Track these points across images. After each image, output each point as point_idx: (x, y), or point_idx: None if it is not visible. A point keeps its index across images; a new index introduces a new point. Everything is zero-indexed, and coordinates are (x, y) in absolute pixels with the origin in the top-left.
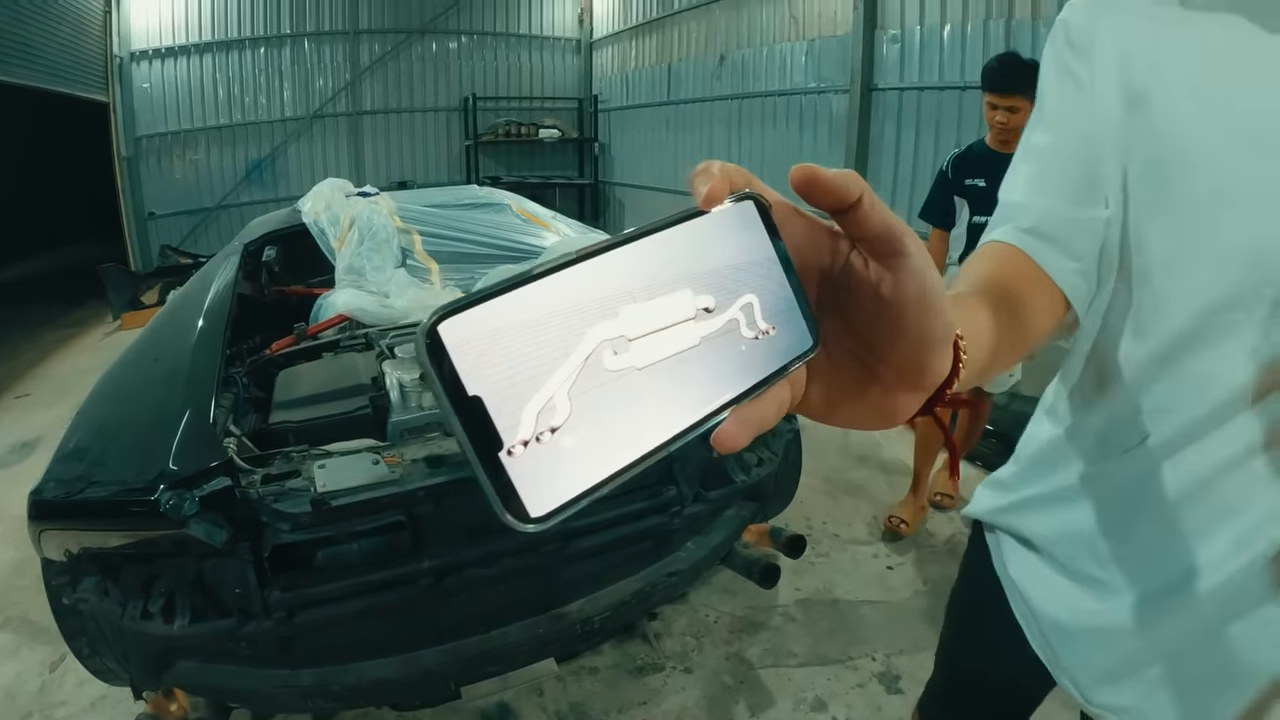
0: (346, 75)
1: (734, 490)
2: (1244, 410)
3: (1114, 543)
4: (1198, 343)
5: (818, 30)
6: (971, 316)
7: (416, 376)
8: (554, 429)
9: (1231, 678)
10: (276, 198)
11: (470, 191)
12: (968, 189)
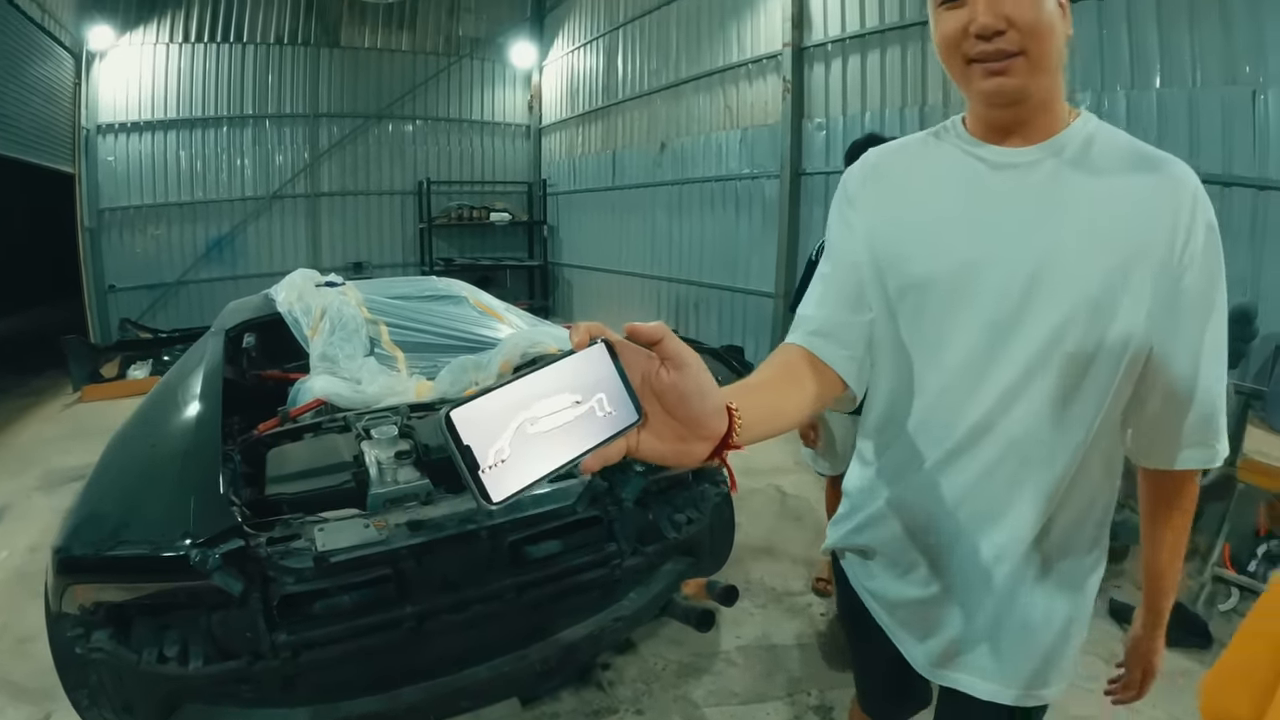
0: (306, 156)
1: (667, 545)
2: (982, 438)
3: (920, 540)
4: (949, 394)
5: (750, 119)
6: (751, 396)
7: (392, 455)
8: (503, 460)
9: None
10: (235, 275)
11: (430, 283)
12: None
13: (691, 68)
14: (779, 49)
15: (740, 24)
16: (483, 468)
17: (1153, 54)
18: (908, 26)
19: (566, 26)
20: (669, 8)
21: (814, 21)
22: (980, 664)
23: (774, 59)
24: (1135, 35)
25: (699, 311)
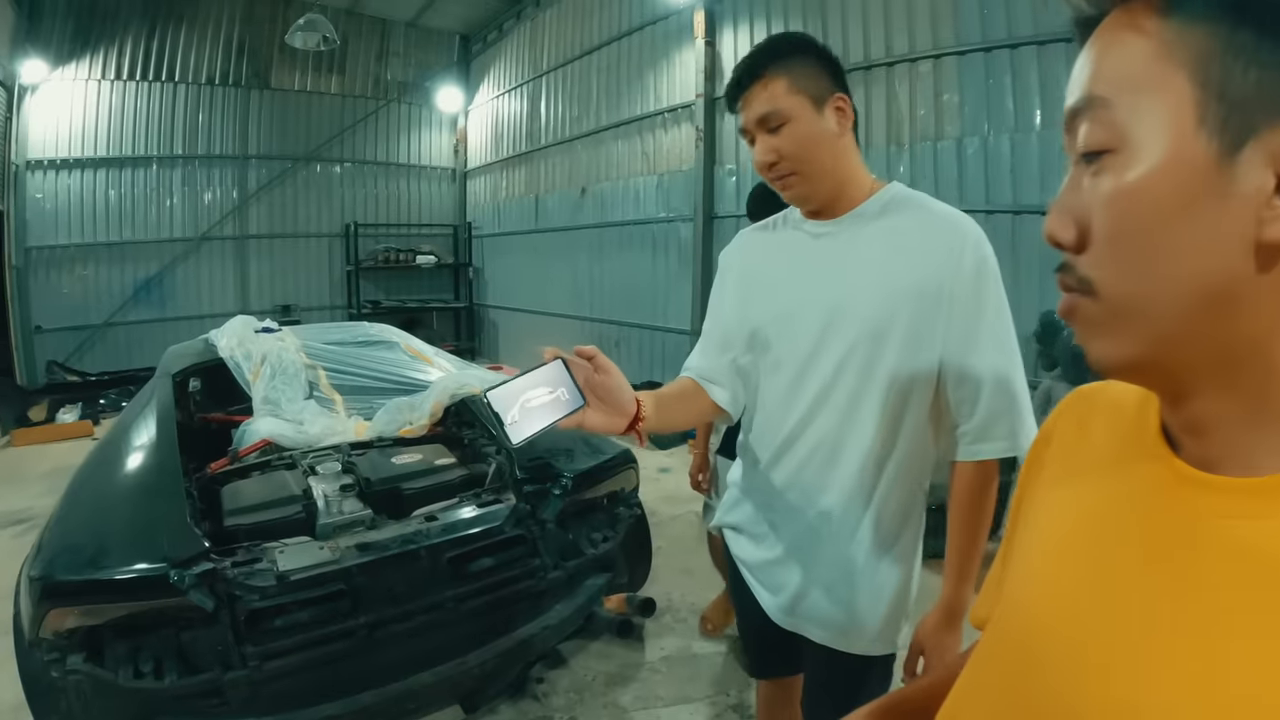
0: (235, 198)
1: (586, 561)
2: (798, 439)
3: (765, 515)
4: (778, 407)
5: (666, 166)
6: (657, 396)
7: (337, 488)
8: (515, 421)
9: None
10: (164, 318)
11: (363, 329)
12: None
13: (611, 115)
14: (692, 99)
15: (656, 75)
16: (506, 424)
17: (1034, 100)
18: None
19: (492, 72)
20: (590, 58)
21: (725, 73)
22: (816, 613)
23: (688, 108)
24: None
25: (620, 349)
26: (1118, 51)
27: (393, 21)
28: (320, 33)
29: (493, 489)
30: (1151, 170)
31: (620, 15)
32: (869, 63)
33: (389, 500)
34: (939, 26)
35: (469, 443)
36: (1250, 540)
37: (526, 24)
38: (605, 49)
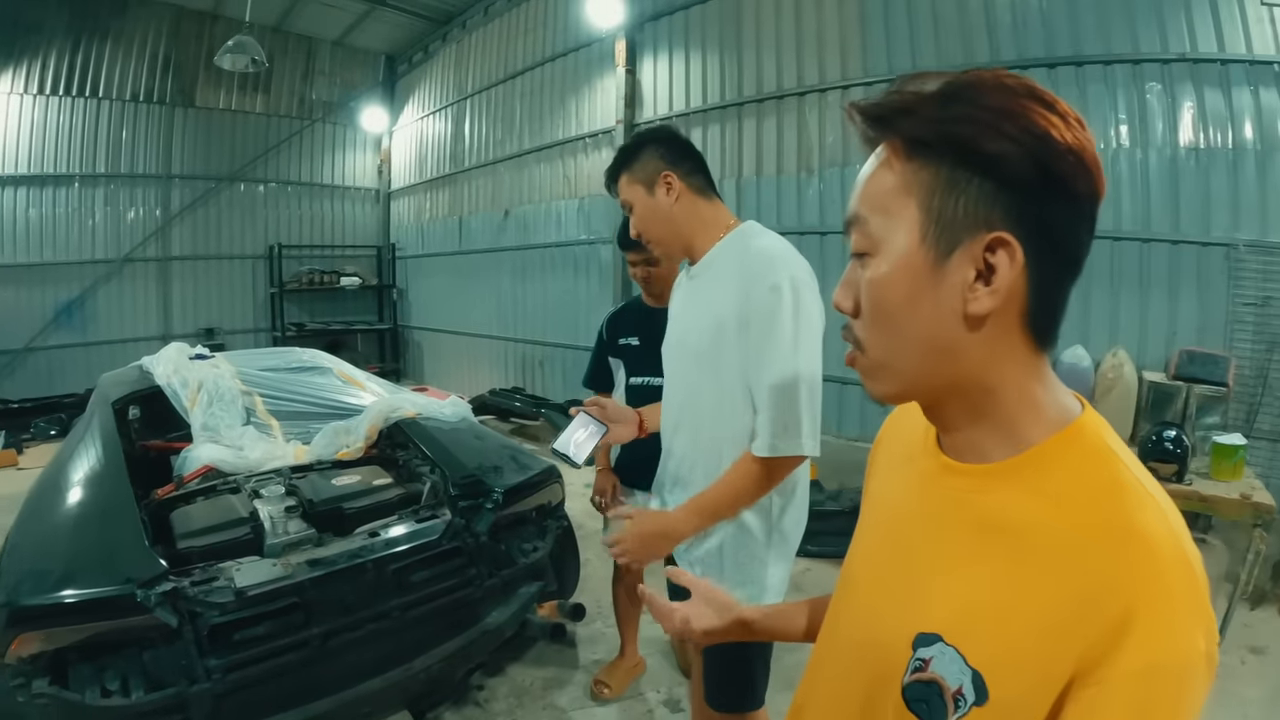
0: (158, 218)
1: (518, 570)
2: (675, 436)
3: (666, 490)
4: (665, 414)
5: (588, 189)
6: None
7: (282, 509)
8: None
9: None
10: (86, 342)
11: (296, 354)
12: (622, 349)
13: (534, 139)
14: (613, 125)
15: (579, 100)
16: (571, 455)
17: None
18: (725, 107)
19: (417, 94)
20: (514, 81)
21: (645, 100)
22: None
23: (609, 134)
24: None
25: (544, 369)
26: (875, 181)
27: (319, 40)
28: (249, 54)
29: (429, 505)
30: (890, 270)
31: (544, 41)
32: (781, 92)
33: (332, 519)
34: (848, 59)
35: (403, 463)
36: (982, 506)
37: (452, 46)
38: (529, 73)
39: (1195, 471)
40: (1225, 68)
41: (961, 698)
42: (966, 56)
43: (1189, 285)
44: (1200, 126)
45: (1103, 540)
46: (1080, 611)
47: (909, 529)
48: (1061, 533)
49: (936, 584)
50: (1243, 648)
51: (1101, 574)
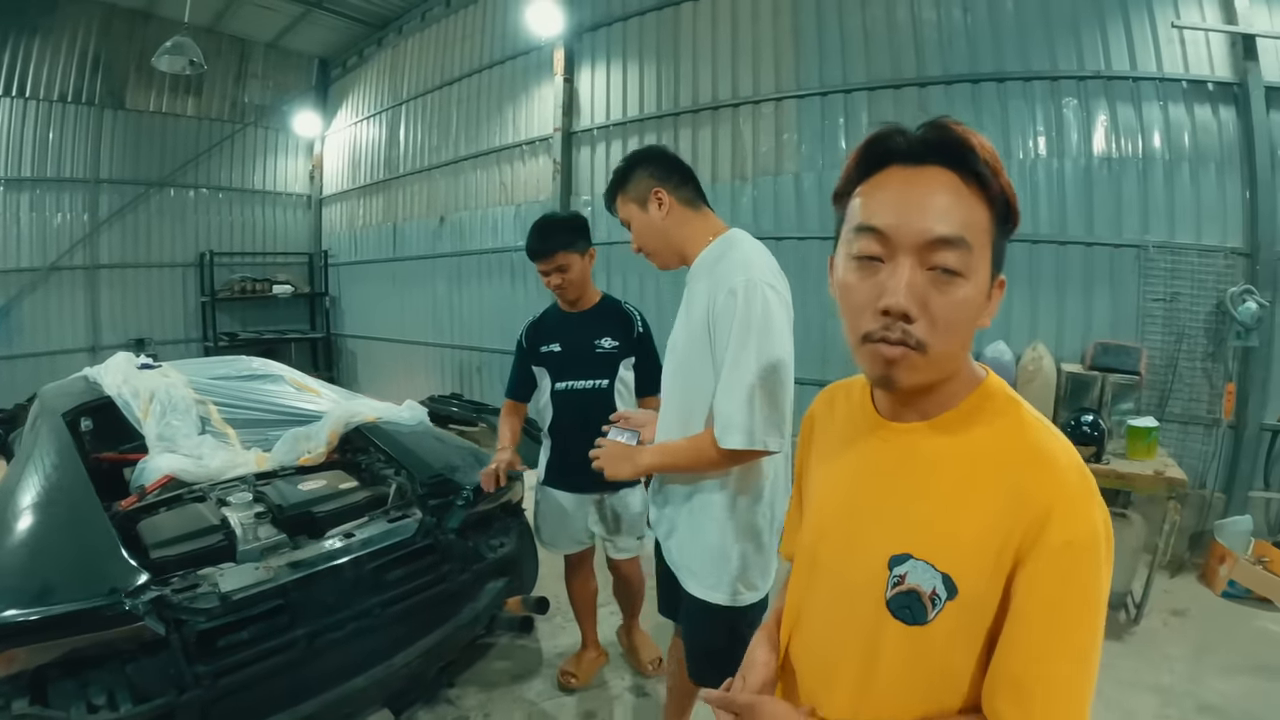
0: (85, 224)
1: (487, 565)
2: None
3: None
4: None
5: (524, 196)
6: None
7: (251, 516)
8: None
9: None
10: (11, 355)
11: (246, 363)
12: (544, 356)
13: (470, 146)
14: (550, 133)
15: (516, 108)
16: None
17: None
18: (662, 117)
19: (350, 98)
20: (451, 88)
21: (582, 109)
22: (674, 555)
23: (545, 141)
24: (851, 125)
25: (481, 375)
26: (968, 209)
27: (253, 42)
28: (188, 56)
29: (397, 506)
30: (976, 296)
31: (482, 49)
32: (717, 103)
33: (302, 524)
34: (781, 73)
35: (365, 467)
36: (926, 450)
37: (388, 51)
38: (466, 80)
39: (1112, 453)
40: (1137, 84)
41: (936, 597)
42: (895, 71)
43: (1103, 283)
44: (1113, 138)
45: (1021, 462)
46: (1013, 514)
47: (868, 483)
48: (990, 460)
49: (899, 516)
50: (1165, 611)
51: (1023, 485)
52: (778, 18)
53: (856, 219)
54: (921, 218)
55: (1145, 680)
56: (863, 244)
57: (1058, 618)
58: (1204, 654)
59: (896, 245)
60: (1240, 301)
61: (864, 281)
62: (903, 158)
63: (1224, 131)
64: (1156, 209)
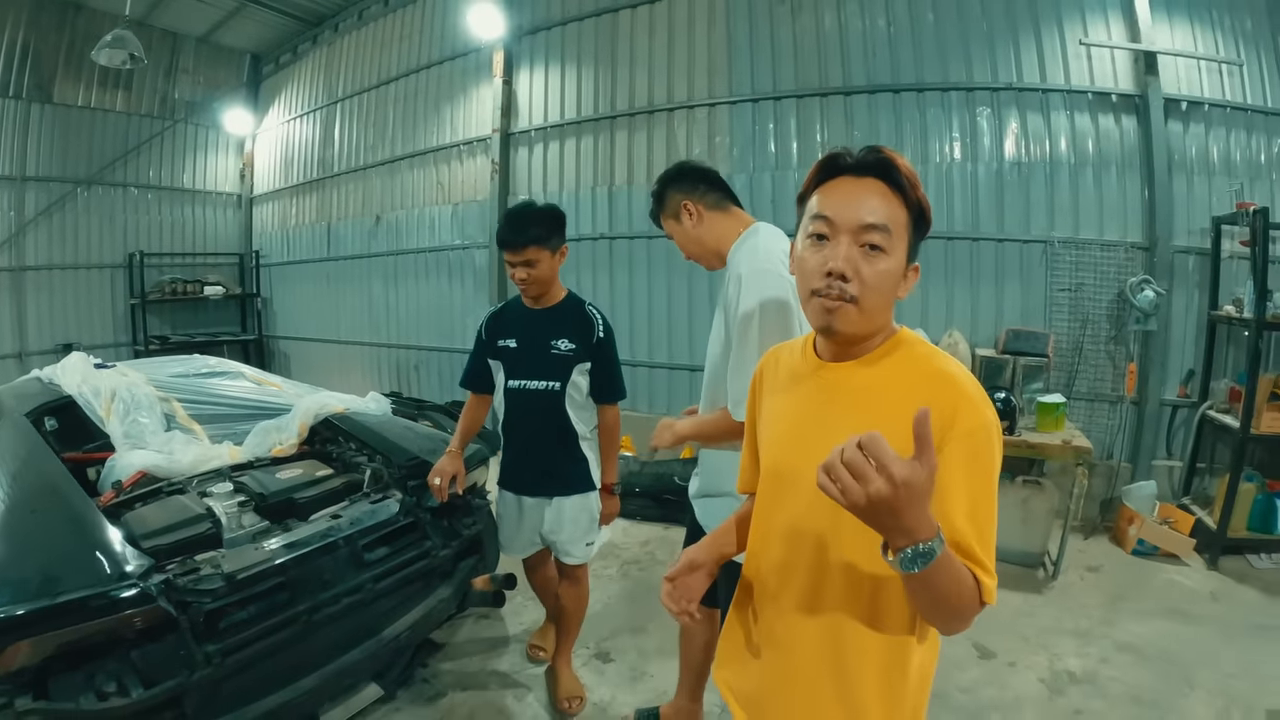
0: (10, 224)
1: (464, 540)
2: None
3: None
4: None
5: (461, 196)
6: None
7: (235, 504)
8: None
9: None
10: None
11: (202, 361)
12: (500, 350)
13: (407, 146)
14: (489, 133)
15: (454, 109)
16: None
17: (791, 144)
18: (599, 120)
19: (283, 95)
20: (388, 87)
21: (521, 111)
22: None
23: (484, 142)
24: (780, 130)
25: (419, 373)
26: (890, 206)
27: (184, 36)
28: (128, 50)
29: (377, 489)
30: (893, 268)
31: (421, 49)
32: (653, 107)
33: (284, 510)
34: (714, 79)
35: (336, 456)
36: (860, 380)
37: (323, 48)
38: (404, 80)
39: (1024, 427)
40: (1046, 95)
41: None
42: (822, 80)
43: (1013, 276)
44: (1023, 144)
45: (931, 380)
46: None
47: (817, 409)
48: (908, 381)
49: (846, 427)
50: (1081, 568)
51: (935, 396)
52: (712, 27)
53: (813, 210)
54: (858, 210)
55: (1065, 626)
56: (815, 226)
57: (968, 483)
58: (1118, 602)
59: (839, 228)
60: (1139, 290)
61: (815, 254)
62: (848, 170)
63: (1125, 138)
64: (1062, 208)
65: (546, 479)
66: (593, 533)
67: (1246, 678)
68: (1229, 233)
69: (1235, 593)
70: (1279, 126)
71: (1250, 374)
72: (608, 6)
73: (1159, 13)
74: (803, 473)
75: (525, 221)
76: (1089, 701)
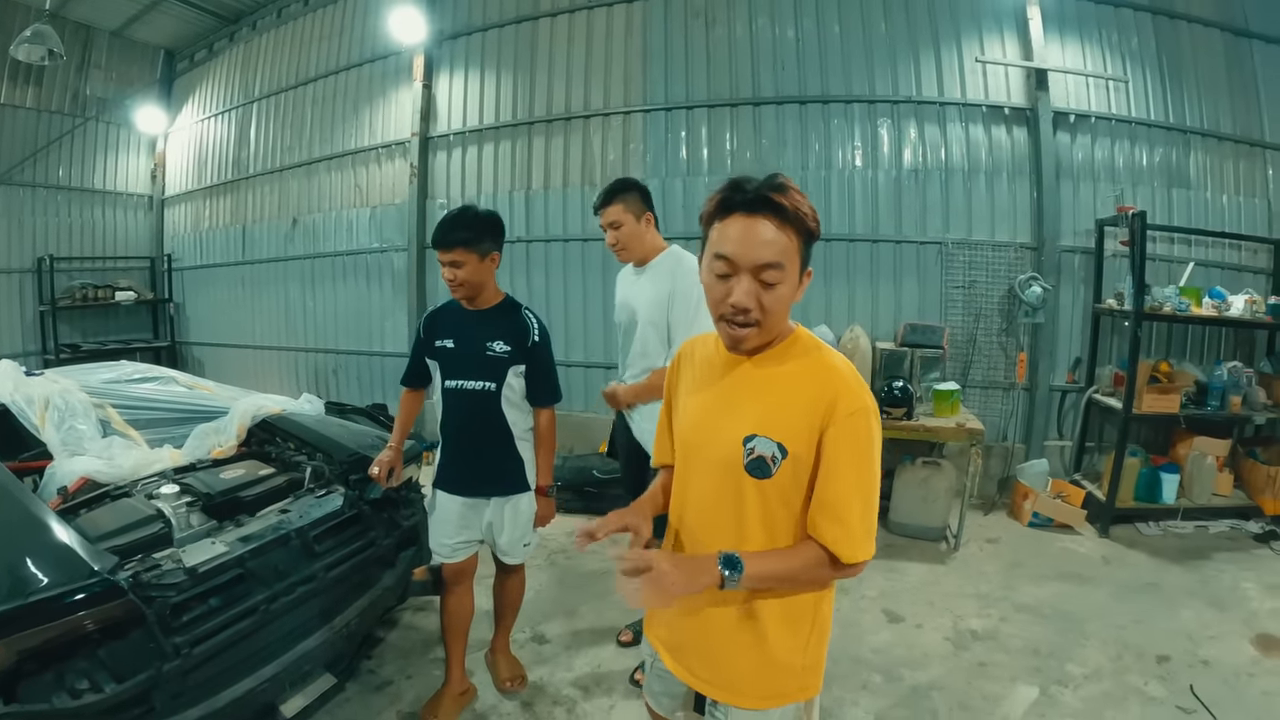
0: None
1: (403, 532)
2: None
3: None
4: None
5: (380, 199)
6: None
7: (184, 505)
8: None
9: None
10: None
11: (132, 366)
12: (437, 351)
13: (325, 148)
14: (408, 137)
15: (373, 111)
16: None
17: (702, 152)
18: (517, 125)
19: (197, 94)
20: (306, 88)
21: (439, 115)
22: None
23: (403, 145)
24: (691, 138)
25: (338, 377)
26: (782, 238)
27: (97, 30)
28: (47, 45)
29: (321, 485)
30: (787, 291)
31: (340, 50)
32: (569, 114)
33: (231, 508)
34: (630, 88)
35: (275, 456)
36: (761, 371)
37: (240, 46)
38: (322, 81)
39: (922, 413)
40: (943, 108)
41: (775, 459)
42: (734, 91)
43: (910, 274)
44: (920, 152)
45: (817, 372)
46: (817, 401)
47: (723, 397)
48: (799, 374)
49: (746, 413)
50: (981, 540)
51: (820, 385)
52: (629, 37)
53: (715, 248)
54: (754, 251)
55: (967, 591)
56: (718, 266)
57: (850, 459)
58: (1015, 569)
59: (739, 266)
60: (1028, 286)
61: (720, 287)
62: (741, 208)
63: (1016, 148)
64: (957, 212)
65: (484, 479)
66: (530, 534)
67: (1137, 629)
68: (1111, 233)
69: (1125, 556)
70: (1159, 137)
71: (1131, 360)
72: (528, 14)
73: (1051, 33)
74: (710, 447)
75: (456, 224)
76: (992, 655)
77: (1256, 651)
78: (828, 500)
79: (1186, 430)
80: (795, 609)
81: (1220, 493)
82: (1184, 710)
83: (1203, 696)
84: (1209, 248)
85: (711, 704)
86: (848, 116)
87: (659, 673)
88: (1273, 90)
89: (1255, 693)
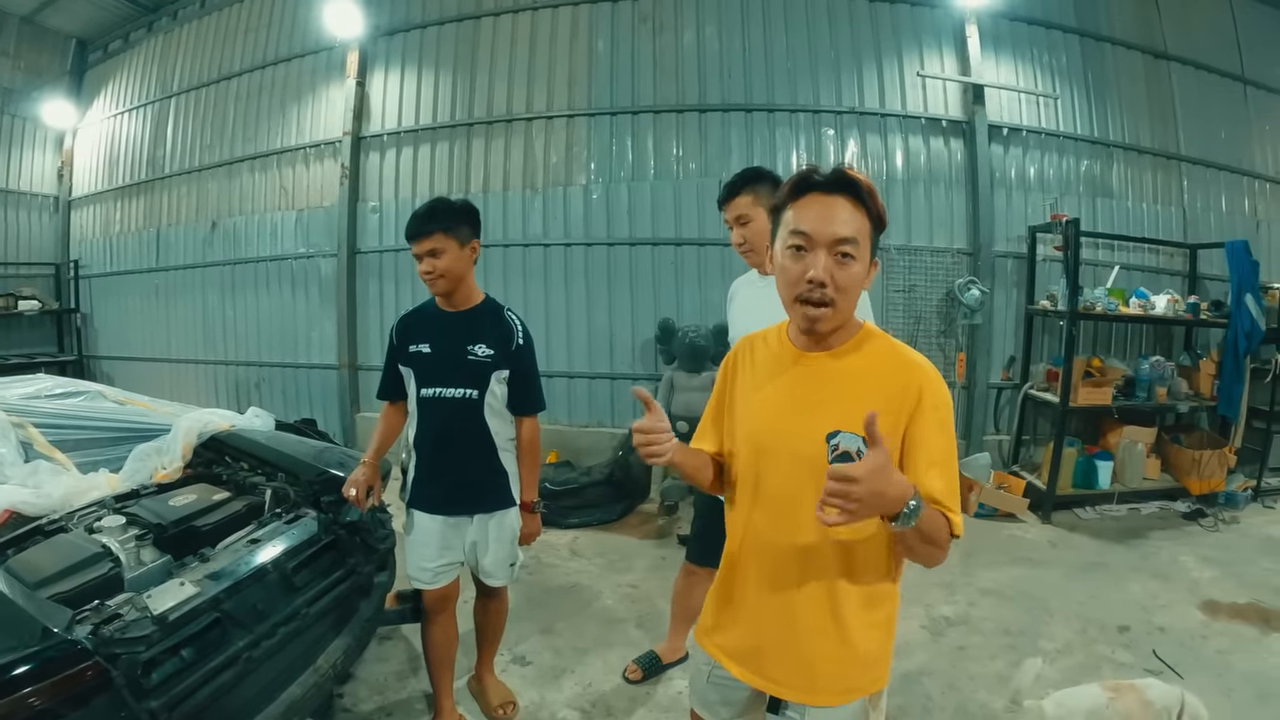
0: None
1: (380, 554)
2: None
3: None
4: None
5: (307, 202)
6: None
7: (132, 539)
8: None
9: None
10: None
11: (51, 380)
12: (412, 357)
13: (248, 147)
14: (339, 136)
15: (301, 109)
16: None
17: (648, 157)
18: (455, 126)
19: (110, 87)
20: (229, 83)
21: (373, 114)
22: None
23: (333, 145)
24: (636, 143)
25: (261, 390)
26: (858, 220)
27: (7, 15)
28: None
29: (287, 509)
30: (862, 270)
31: (268, 44)
32: (511, 116)
33: (186, 540)
34: (575, 92)
35: (227, 478)
36: (837, 368)
37: (158, 37)
38: (247, 75)
39: None
40: (885, 119)
41: (861, 453)
42: (679, 98)
43: None
44: (863, 162)
45: (898, 367)
46: (903, 395)
47: (799, 394)
48: (878, 368)
49: (829, 408)
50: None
51: (905, 378)
52: (575, 40)
53: (791, 225)
54: (831, 226)
55: (931, 580)
56: (794, 240)
57: (938, 440)
58: (971, 557)
59: (816, 241)
60: (966, 290)
61: (796, 264)
62: (819, 188)
63: (954, 158)
64: (896, 219)
65: (467, 496)
66: (515, 553)
67: (1095, 604)
68: (1043, 239)
69: (1069, 540)
70: (1085, 150)
71: (1066, 357)
72: (471, 13)
73: (987, 50)
74: (788, 445)
75: (433, 211)
76: (969, 638)
77: (1204, 616)
78: (932, 462)
79: (1117, 420)
80: (876, 595)
81: (1149, 476)
82: (1152, 672)
83: (1165, 659)
84: (1131, 252)
85: (785, 706)
86: (792, 125)
87: (717, 681)
88: (1188, 107)
89: (1210, 651)
